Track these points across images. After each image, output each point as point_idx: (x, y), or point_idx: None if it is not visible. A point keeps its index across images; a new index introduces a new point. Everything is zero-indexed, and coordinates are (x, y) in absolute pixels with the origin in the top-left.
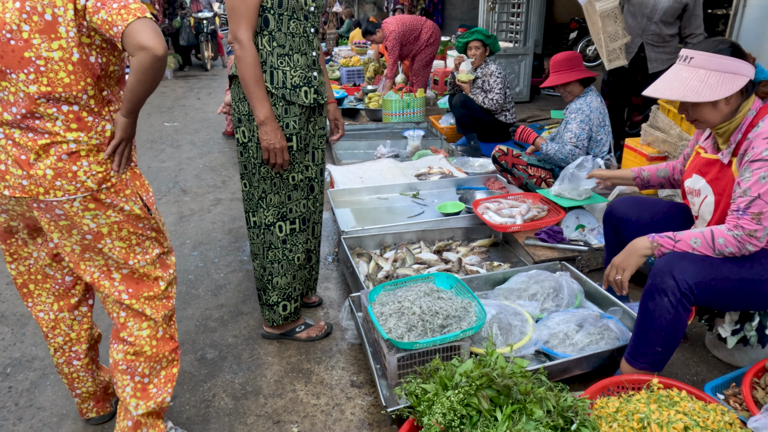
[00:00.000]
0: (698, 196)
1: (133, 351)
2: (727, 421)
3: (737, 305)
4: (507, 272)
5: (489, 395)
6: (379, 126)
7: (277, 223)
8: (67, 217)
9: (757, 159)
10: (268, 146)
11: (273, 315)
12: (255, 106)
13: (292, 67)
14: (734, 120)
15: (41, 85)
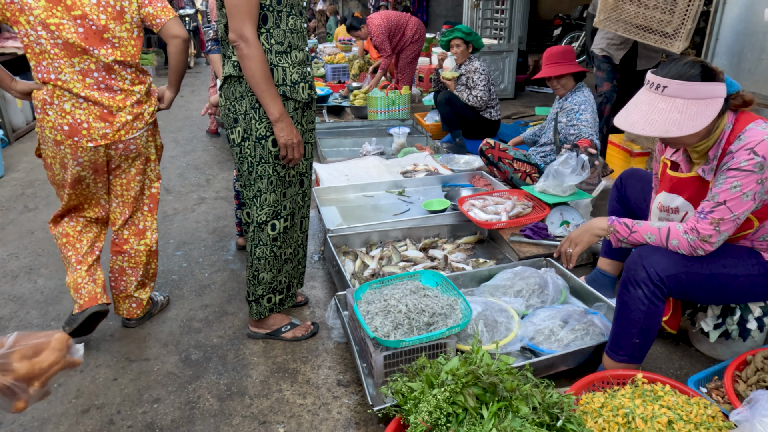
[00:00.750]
0: (677, 214)
1: (134, 261)
2: (710, 414)
3: (710, 298)
4: (492, 269)
5: (475, 393)
6: (364, 123)
7: (270, 222)
8: (137, 148)
9: (735, 168)
10: (286, 142)
11: (260, 308)
12: (268, 104)
13: (291, 64)
14: (711, 137)
15: (116, 55)
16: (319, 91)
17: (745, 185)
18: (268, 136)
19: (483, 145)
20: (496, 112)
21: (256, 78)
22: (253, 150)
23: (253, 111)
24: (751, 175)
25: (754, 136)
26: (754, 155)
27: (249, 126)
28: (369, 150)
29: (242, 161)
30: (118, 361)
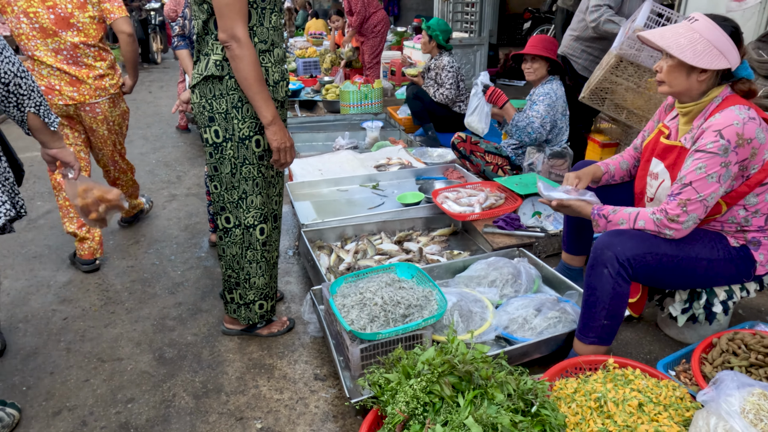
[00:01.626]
0: (656, 179)
1: (123, 190)
2: (678, 396)
3: (675, 282)
4: (467, 260)
5: (451, 382)
6: (337, 117)
7: (259, 226)
8: (102, 112)
9: (701, 149)
10: (279, 146)
11: (249, 314)
12: (261, 106)
13: (273, 63)
14: (700, 102)
15: (81, 37)
16: (291, 85)
17: (710, 167)
18: (251, 136)
19: (455, 138)
20: (466, 105)
21: (249, 80)
22: (236, 151)
23: (235, 110)
24: (716, 157)
25: (726, 119)
26: (720, 138)
27: (230, 126)
28: (342, 144)
29: (222, 162)
30: (89, 362)
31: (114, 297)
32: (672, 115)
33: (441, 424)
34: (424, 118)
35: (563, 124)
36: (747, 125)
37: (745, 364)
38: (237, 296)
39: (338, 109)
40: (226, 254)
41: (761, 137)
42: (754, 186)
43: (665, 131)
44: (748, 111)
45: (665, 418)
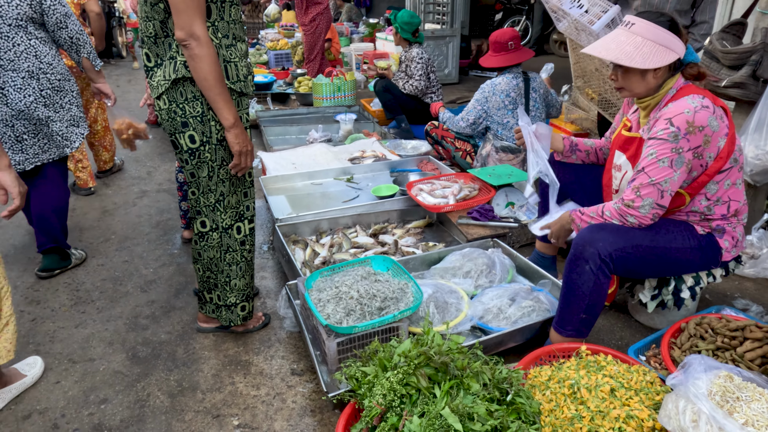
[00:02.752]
0: (620, 171)
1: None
2: (649, 380)
3: (650, 272)
4: (442, 251)
5: (427, 373)
6: (310, 110)
7: (236, 225)
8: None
9: (653, 137)
10: (241, 149)
11: (231, 316)
12: (222, 108)
13: (239, 57)
14: (657, 96)
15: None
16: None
17: (660, 152)
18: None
19: (428, 125)
20: (437, 97)
21: (210, 81)
22: (214, 153)
23: (212, 112)
24: (666, 143)
25: (677, 108)
26: (670, 125)
27: (207, 128)
28: (316, 137)
29: (200, 167)
30: (60, 363)
31: (84, 296)
32: (633, 108)
33: (418, 416)
34: (395, 110)
35: (508, 119)
36: (698, 113)
37: (712, 348)
38: (216, 297)
39: (311, 101)
40: (203, 258)
41: (714, 125)
42: (712, 174)
43: (627, 124)
44: (702, 100)
45: (636, 403)
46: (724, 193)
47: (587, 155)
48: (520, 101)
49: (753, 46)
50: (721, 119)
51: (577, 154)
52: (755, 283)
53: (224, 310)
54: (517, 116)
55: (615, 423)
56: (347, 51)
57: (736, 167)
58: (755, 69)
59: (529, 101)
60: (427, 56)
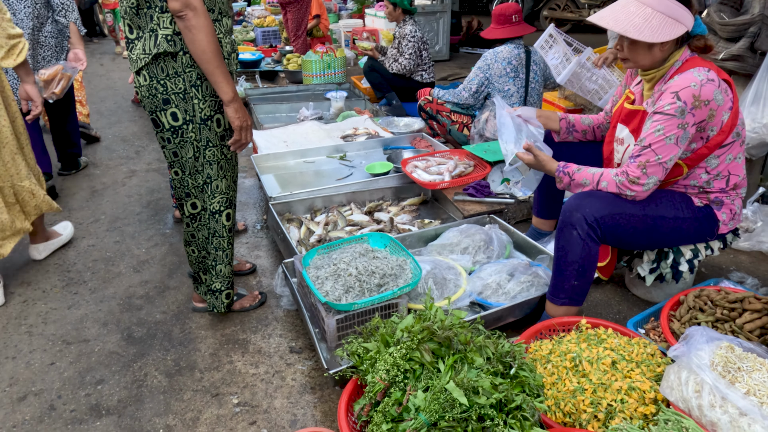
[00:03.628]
0: (622, 145)
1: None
2: (649, 352)
3: (642, 242)
4: (438, 228)
5: (431, 348)
6: (300, 88)
7: (225, 211)
8: None
9: (659, 111)
10: (241, 125)
11: (215, 302)
12: (221, 82)
13: (225, 33)
14: (662, 68)
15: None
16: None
17: (668, 129)
18: (212, 116)
19: (421, 100)
20: (428, 74)
21: (209, 53)
22: (199, 133)
23: (195, 89)
24: (673, 119)
25: (684, 81)
26: (677, 99)
27: (190, 106)
28: (307, 115)
29: (184, 146)
30: (54, 345)
31: (76, 277)
32: (637, 80)
33: (422, 390)
34: (384, 89)
35: (509, 86)
36: (704, 87)
37: (712, 320)
38: (204, 280)
39: (301, 79)
40: (198, 238)
41: (719, 99)
42: (713, 148)
43: (631, 96)
44: (708, 73)
45: (638, 375)
46: (725, 167)
47: (584, 135)
48: (521, 70)
49: (751, 18)
50: (726, 93)
51: (574, 134)
52: (750, 256)
53: (210, 295)
54: (518, 85)
55: (617, 395)
56: (336, 27)
57: (738, 141)
58: (753, 41)
59: (529, 73)
60: (420, 34)
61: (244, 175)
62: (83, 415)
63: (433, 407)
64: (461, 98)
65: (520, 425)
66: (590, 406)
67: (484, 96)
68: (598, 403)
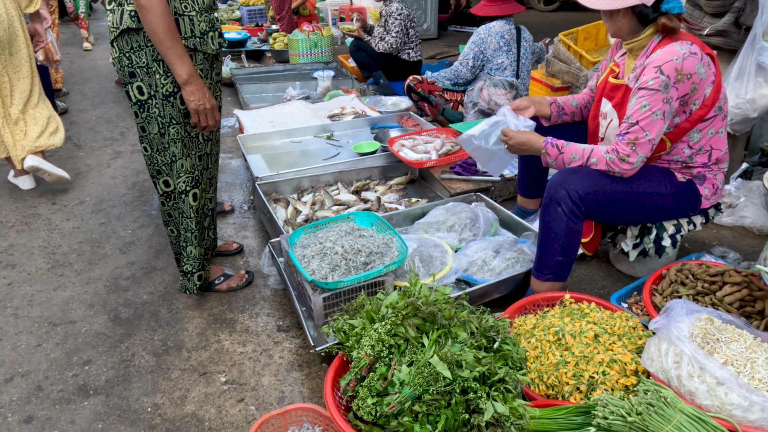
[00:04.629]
0: (605, 119)
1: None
2: (631, 325)
3: (626, 217)
4: (425, 207)
5: (415, 323)
6: (286, 67)
7: (191, 191)
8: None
9: (643, 87)
10: (197, 107)
11: (188, 284)
12: (175, 63)
13: (198, 11)
14: (640, 38)
15: None
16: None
17: (653, 104)
18: (176, 92)
19: (411, 80)
20: (415, 53)
21: (159, 33)
22: (162, 109)
23: (156, 64)
24: (657, 93)
25: (666, 55)
26: (660, 73)
27: (153, 81)
28: (293, 95)
29: (150, 122)
30: (40, 326)
31: (61, 259)
32: (621, 51)
33: (407, 365)
34: (371, 68)
35: (502, 59)
36: (687, 60)
37: (693, 293)
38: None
39: (287, 58)
40: (174, 217)
41: (702, 72)
42: (696, 122)
43: (616, 69)
44: (690, 46)
45: (619, 347)
46: (706, 141)
47: (573, 117)
48: (513, 45)
49: None
50: (709, 66)
51: (563, 118)
52: (732, 231)
53: (182, 276)
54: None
55: (599, 367)
56: (323, 6)
57: (720, 116)
58: (738, 16)
59: (520, 49)
60: (407, 12)
61: (230, 155)
62: (71, 395)
63: (418, 381)
64: (459, 74)
65: (503, 397)
66: (572, 379)
67: (479, 69)
68: (580, 375)
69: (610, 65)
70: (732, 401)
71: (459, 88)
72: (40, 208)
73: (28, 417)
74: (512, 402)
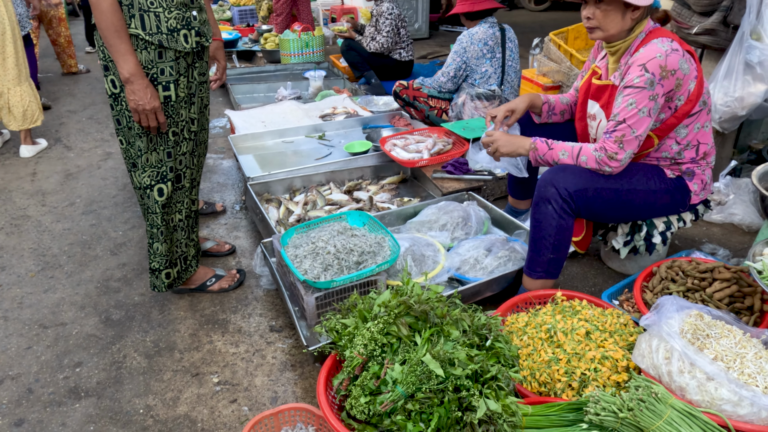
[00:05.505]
0: (594, 120)
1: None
2: (623, 322)
3: (616, 214)
4: (417, 206)
5: (408, 322)
6: (278, 68)
7: (156, 186)
8: None
9: (629, 85)
10: (136, 107)
11: (156, 281)
12: (117, 61)
13: (166, 8)
14: (627, 40)
15: None
16: (227, 35)
17: (639, 102)
18: None
19: (396, 86)
20: (407, 52)
21: (102, 30)
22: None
23: None
24: (643, 91)
25: (649, 52)
26: (644, 71)
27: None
28: (285, 95)
29: (122, 115)
30: (30, 329)
31: (52, 261)
32: (602, 54)
33: (399, 363)
34: (362, 67)
35: (486, 68)
36: (670, 57)
37: (683, 289)
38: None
39: (278, 58)
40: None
41: (685, 68)
42: (682, 117)
43: (598, 71)
44: (671, 43)
45: (611, 344)
46: (693, 136)
47: (562, 115)
48: (498, 50)
49: None
50: (690, 62)
51: (552, 117)
52: (722, 228)
53: (150, 274)
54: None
55: (591, 364)
56: (314, 6)
57: (704, 110)
58: (726, 15)
59: (505, 51)
60: (397, 11)
61: (222, 156)
62: (62, 398)
63: (410, 379)
64: (442, 85)
65: (495, 395)
66: (564, 376)
67: (462, 79)
68: (572, 372)
69: (592, 66)
70: (722, 396)
71: (444, 95)
72: (29, 210)
73: (18, 420)
74: (505, 399)
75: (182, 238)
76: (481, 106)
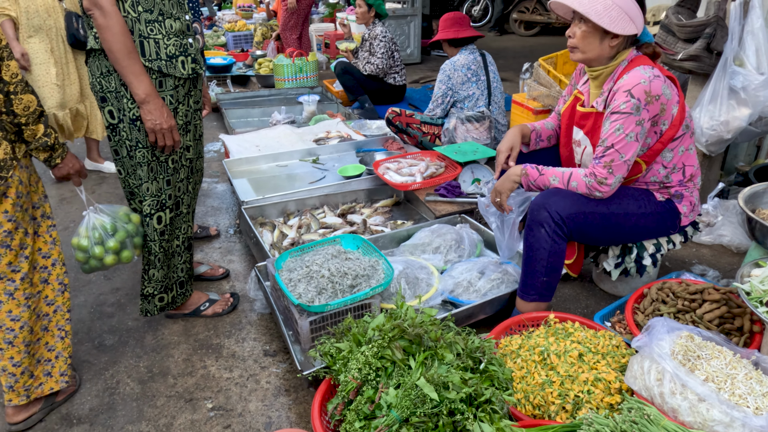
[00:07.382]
0: (579, 147)
1: None
2: (615, 344)
3: (607, 237)
4: (411, 229)
5: (402, 345)
6: (272, 92)
7: (156, 215)
8: None
9: (616, 111)
10: (153, 127)
11: (148, 306)
12: (132, 82)
13: (165, 35)
14: (610, 66)
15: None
16: (221, 60)
17: (627, 127)
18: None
19: (389, 114)
20: (400, 77)
21: (115, 52)
22: (129, 133)
23: (124, 88)
24: (630, 116)
25: (633, 78)
26: (630, 97)
27: (121, 106)
28: (279, 119)
29: (121, 145)
30: None
31: None
32: (584, 79)
33: (394, 387)
34: (357, 91)
35: (473, 91)
36: (653, 82)
37: (674, 311)
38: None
39: (272, 83)
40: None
41: (668, 93)
42: (666, 142)
43: (581, 97)
44: (653, 70)
45: (603, 366)
46: (678, 159)
47: (549, 141)
48: (481, 73)
49: (707, 19)
50: (671, 87)
51: (539, 144)
52: (711, 249)
53: (141, 299)
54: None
55: (584, 386)
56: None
57: (687, 133)
58: (709, 42)
59: (489, 74)
60: (390, 35)
61: (216, 180)
62: (54, 425)
63: (405, 403)
64: (434, 114)
65: (489, 418)
66: (558, 398)
67: (450, 105)
68: (565, 394)
69: (574, 92)
70: (714, 417)
71: (434, 122)
72: None
73: None
74: (499, 422)
75: (179, 263)
76: (472, 128)
